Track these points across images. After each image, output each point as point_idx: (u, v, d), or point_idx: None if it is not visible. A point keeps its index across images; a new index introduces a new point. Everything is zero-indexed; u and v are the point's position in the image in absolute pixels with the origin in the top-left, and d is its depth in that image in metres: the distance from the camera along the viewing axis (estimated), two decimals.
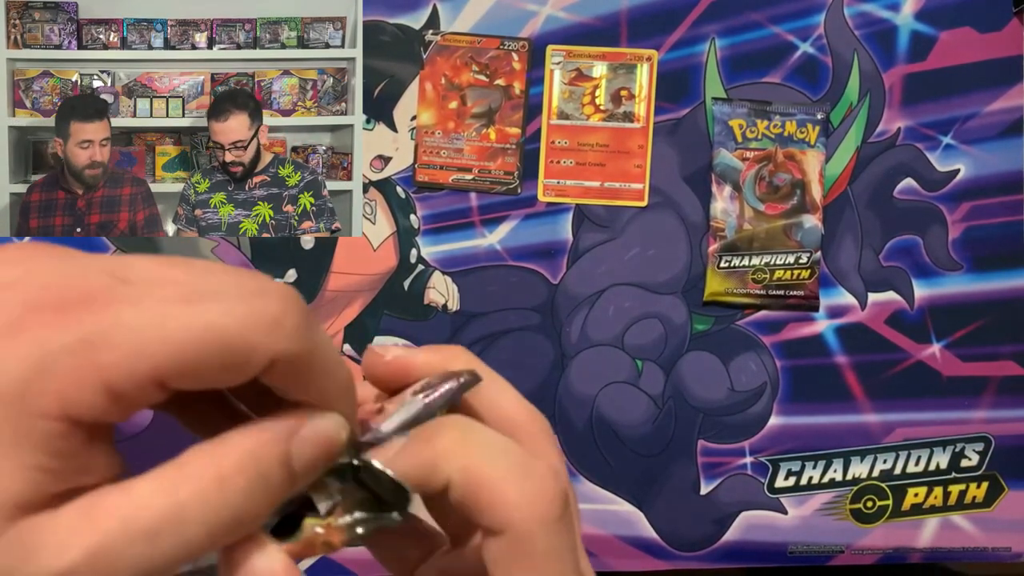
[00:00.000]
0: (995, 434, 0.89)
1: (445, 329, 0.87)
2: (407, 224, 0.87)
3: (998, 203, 0.88)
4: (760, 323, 0.88)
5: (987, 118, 0.88)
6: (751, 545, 0.88)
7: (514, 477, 0.29)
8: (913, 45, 0.88)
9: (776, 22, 0.87)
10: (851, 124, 0.88)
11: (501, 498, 0.28)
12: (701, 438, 0.88)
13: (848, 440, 0.88)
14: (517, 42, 0.86)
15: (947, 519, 0.89)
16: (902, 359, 0.88)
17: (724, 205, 0.87)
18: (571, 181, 0.87)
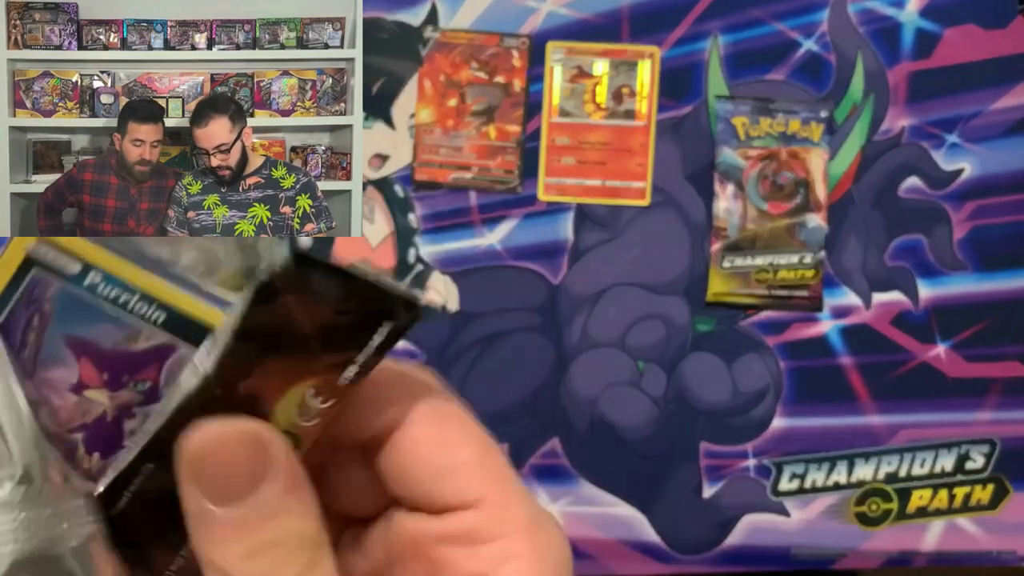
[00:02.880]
0: (1001, 436, 0.88)
1: (445, 329, 0.86)
2: (406, 223, 0.86)
3: (1004, 202, 0.88)
4: (763, 324, 0.88)
5: (992, 116, 0.87)
6: (754, 548, 0.88)
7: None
8: (918, 42, 0.87)
9: (779, 19, 0.87)
10: (855, 122, 0.87)
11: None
12: (703, 440, 0.87)
13: (852, 442, 0.88)
14: (517, 39, 0.86)
15: (952, 522, 0.88)
16: (907, 360, 0.88)
17: (727, 204, 0.86)
18: (572, 180, 0.87)
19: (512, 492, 0.26)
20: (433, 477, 0.25)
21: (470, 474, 0.26)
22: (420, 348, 0.86)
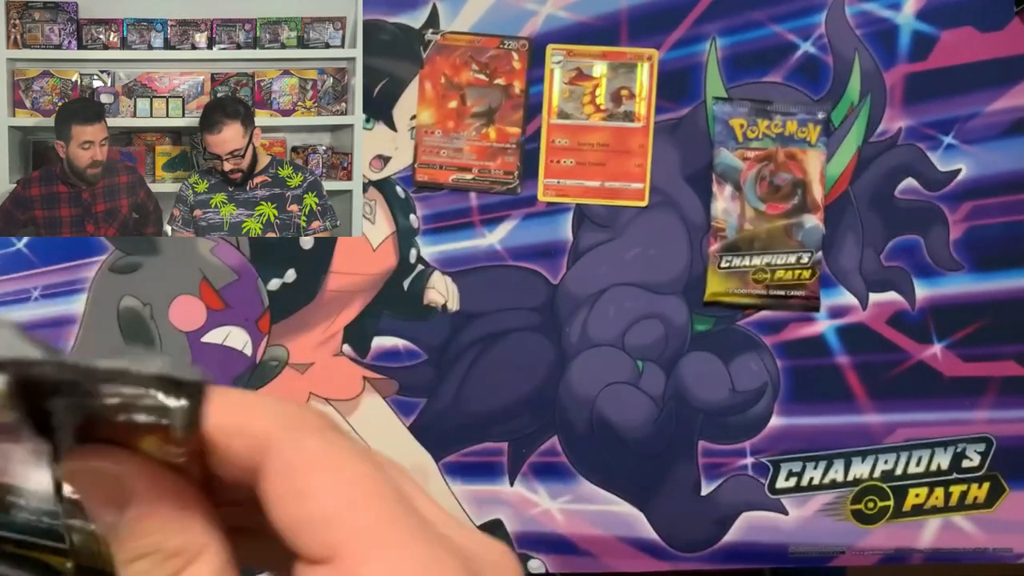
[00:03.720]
0: (996, 435, 0.89)
1: (445, 329, 0.87)
2: (407, 224, 0.87)
3: (999, 203, 0.88)
4: (761, 323, 0.88)
5: (988, 118, 0.88)
6: (752, 546, 0.88)
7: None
8: (914, 44, 0.88)
9: (777, 21, 0.87)
10: (852, 123, 0.88)
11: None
12: (702, 439, 0.88)
13: (849, 441, 0.88)
14: (517, 41, 0.86)
15: (948, 520, 0.89)
16: (903, 359, 0.88)
17: (725, 205, 0.87)
18: (571, 181, 0.87)
19: (375, 546, 0.24)
20: (290, 530, 0.25)
21: (328, 528, 0.24)
22: (420, 348, 0.87)
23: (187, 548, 0.25)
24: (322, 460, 0.25)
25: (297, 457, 0.25)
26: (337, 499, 0.25)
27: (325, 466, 0.25)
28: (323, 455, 0.25)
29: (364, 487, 0.25)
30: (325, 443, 0.26)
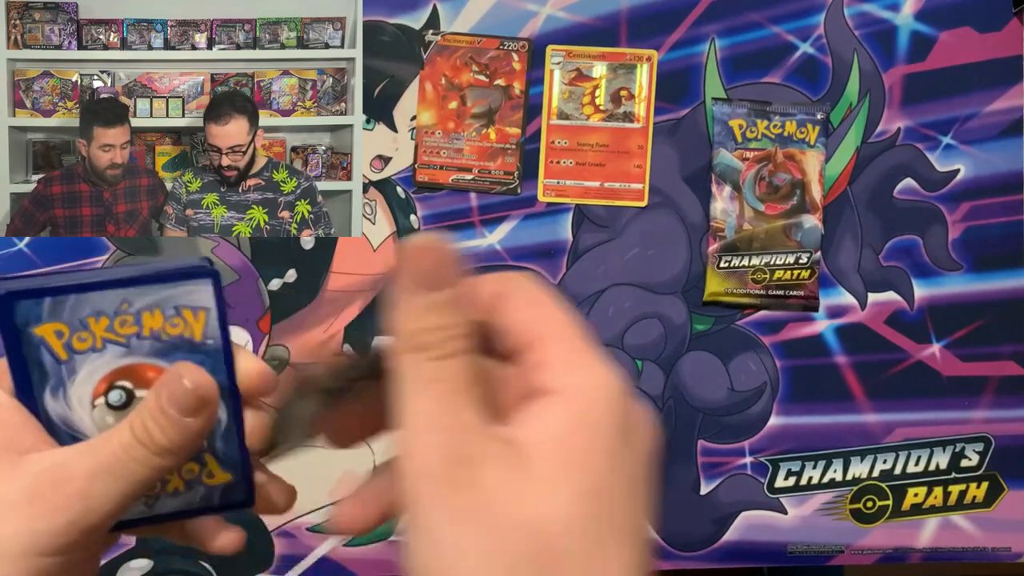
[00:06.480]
0: (995, 434, 0.89)
1: None
2: (407, 224, 0.87)
3: (998, 203, 0.88)
4: (760, 323, 0.88)
5: (987, 118, 0.88)
6: (751, 545, 0.88)
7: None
8: (913, 45, 0.88)
9: (776, 22, 0.87)
10: (851, 124, 0.88)
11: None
12: (701, 438, 0.88)
13: (848, 440, 0.88)
14: (517, 42, 0.86)
15: (947, 519, 0.89)
16: (902, 359, 0.88)
17: (724, 205, 0.87)
18: (571, 181, 0.87)
19: (576, 336, 0.33)
20: (524, 322, 0.33)
21: (545, 320, 0.33)
22: None
23: (466, 336, 0.32)
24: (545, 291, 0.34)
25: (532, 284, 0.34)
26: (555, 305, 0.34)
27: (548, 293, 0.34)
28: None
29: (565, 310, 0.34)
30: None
